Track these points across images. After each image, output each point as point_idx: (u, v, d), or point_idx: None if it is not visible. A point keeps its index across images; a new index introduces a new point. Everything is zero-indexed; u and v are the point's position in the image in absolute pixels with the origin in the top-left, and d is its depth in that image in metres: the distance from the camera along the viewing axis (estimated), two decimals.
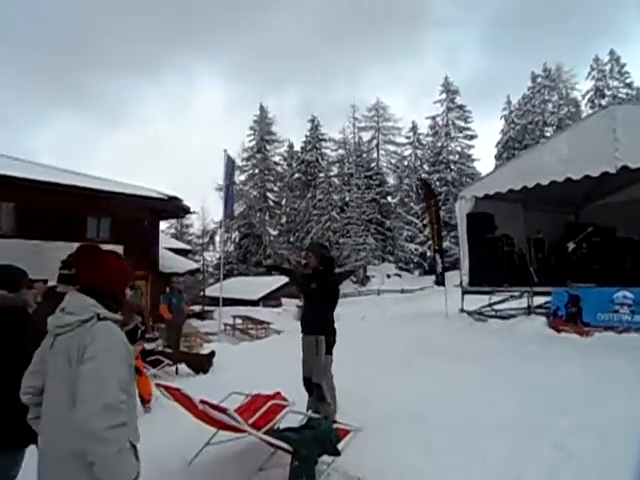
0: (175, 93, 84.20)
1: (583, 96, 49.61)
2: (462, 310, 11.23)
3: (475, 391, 5.44)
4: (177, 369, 7.78)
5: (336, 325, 4.60)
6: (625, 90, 47.59)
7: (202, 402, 3.07)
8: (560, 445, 3.62)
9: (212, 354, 7.98)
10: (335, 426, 3.32)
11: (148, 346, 9.08)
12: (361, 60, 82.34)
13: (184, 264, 20.54)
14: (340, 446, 3.04)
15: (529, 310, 10.40)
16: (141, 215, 16.42)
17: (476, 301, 11.98)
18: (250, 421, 3.20)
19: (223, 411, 3.00)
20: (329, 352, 4.37)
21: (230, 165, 12.84)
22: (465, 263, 11.29)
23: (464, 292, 11.36)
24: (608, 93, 48.11)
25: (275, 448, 3.14)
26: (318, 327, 4.36)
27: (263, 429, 3.11)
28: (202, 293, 29.66)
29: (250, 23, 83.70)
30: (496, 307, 11.37)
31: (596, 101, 48.43)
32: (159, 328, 13.25)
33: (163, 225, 43.90)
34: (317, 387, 4.18)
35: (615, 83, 48.57)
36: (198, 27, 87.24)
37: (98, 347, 1.75)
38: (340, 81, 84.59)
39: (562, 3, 68.00)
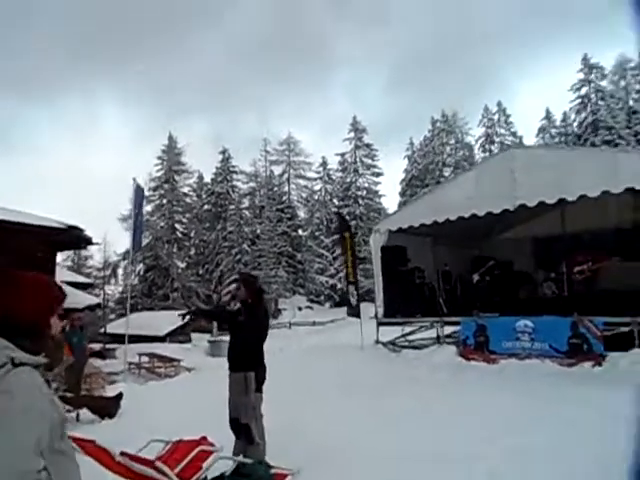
0: (75, 118, 79.28)
1: (476, 141, 54.29)
2: (377, 341, 11.41)
3: (403, 421, 5.45)
4: (78, 415, 7.00)
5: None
6: (510, 138, 52.76)
7: (122, 454, 2.71)
8: (494, 473, 3.68)
9: (119, 396, 7.30)
10: (272, 471, 3.09)
11: None
12: (273, 94, 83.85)
13: (83, 299, 18.96)
14: None
15: (440, 340, 10.82)
16: (34, 246, 14.99)
17: (389, 332, 12.27)
18: (175, 471, 2.89)
19: (148, 463, 2.68)
20: (259, 390, 4.13)
21: (139, 194, 12.23)
22: (380, 295, 11.55)
23: (379, 323, 11.59)
24: (497, 140, 53.09)
25: None
26: (247, 363, 4.12)
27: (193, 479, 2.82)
28: (103, 330, 27.50)
29: (158, 49, 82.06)
30: (409, 337, 11.70)
31: (487, 146, 53.32)
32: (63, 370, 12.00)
33: (59, 257, 40.68)
34: (246, 428, 3.91)
35: (502, 131, 53.78)
36: (101, 48, 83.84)
37: (12, 409, 1.34)
38: (251, 114, 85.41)
39: (457, 53, 74.76)
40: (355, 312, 11.91)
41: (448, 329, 11.15)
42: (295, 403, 6.33)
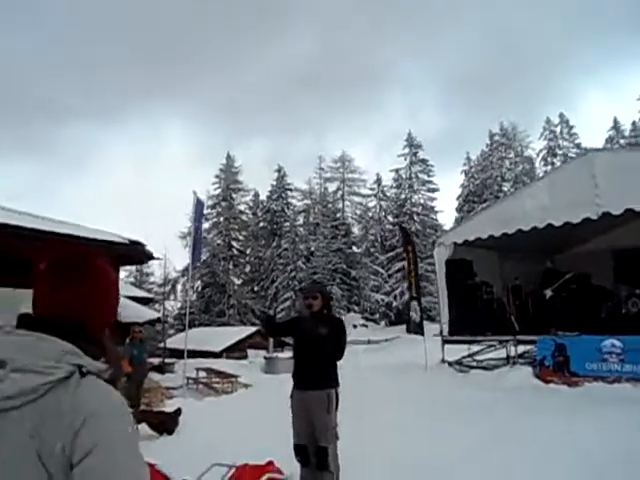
0: (140, 142, 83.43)
1: (537, 154, 52.13)
2: (443, 361, 10.74)
3: (486, 452, 4.86)
4: (138, 430, 6.84)
5: None
6: (575, 150, 50.22)
7: None
8: None
9: (178, 412, 7.10)
10: None
11: None
12: (329, 113, 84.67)
13: (144, 313, 19.32)
14: None
15: (512, 360, 10.04)
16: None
17: (454, 351, 11.56)
18: None
19: None
20: (337, 408, 3.72)
21: (199, 207, 12.29)
22: (445, 311, 10.92)
23: (444, 341, 10.92)
24: (559, 152, 50.76)
25: None
26: (329, 379, 3.72)
27: None
28: (163, 344, 28.01)
29: (218, 73, 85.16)
30: (477, 357, 10.97)
31: (549, 159, 51.05)
32: (124, 383, 12.09)
33: (122, 273, 42.29)
34: (322, 452, 3.48)
35: (565, 143, 51.38)
36: (165, 75, 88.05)
37: (98, 429, 0.93)
38: (307, 133, 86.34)
39: (516, 66, 72.73)
40: (417, 329, 11.29)
41: (520, 349, 10.35)
42: (360, 427, 5.86)
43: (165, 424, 6.73)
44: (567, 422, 6.11)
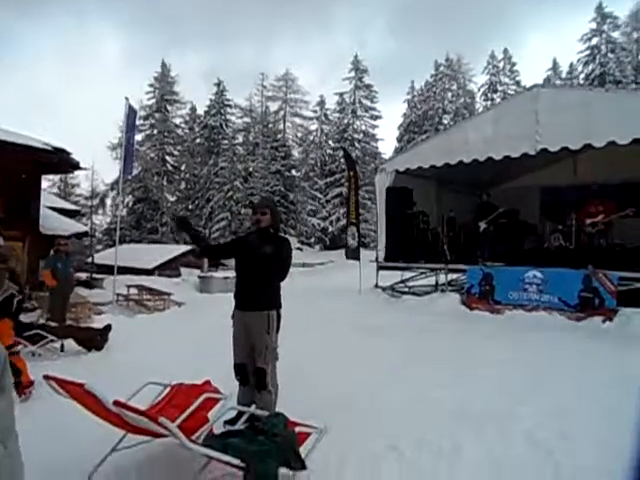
0: (66, 38, 75.02)
1: (479, 89, 52.48)
2: (377, 286, 11.06)
3: (413, 368, 5.10)
4: (63, 346, 6.57)
5: None
6: (514, 87, 51.00)
7: (117, 404, 2.23)
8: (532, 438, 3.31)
9: (108, 328, 6.85)
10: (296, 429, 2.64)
11: (25, 319, 7.72)
12: (272, 27, 79.63)
13: (70, 226, 18.28)
14: (303, 454, 2.39)
15: (442, 287, 10.50)
16: (19, 167, 14.12)
17: (386, 278, 11.93)
18: (177, 422, 2.43)
19: (152, 418, 2.19)
20: (278, 330, 3.65)
21: (131, 115, 11.35)
22: (382, 238, 11.09)
23: (379, 267, 11.19)
24: (500, 89, 51.37)
25: (211, 459, 2.40)
26: (270, 300, 3.61)
27: (197, 433, 2.37)
28: (91, 259, 26.96)
29: None
30: (409, 284, 11.38)
31: (489, 95, 51.61)
32: (38, 297, 11.54)
33: (45, 183, 39.45)
34: (260, 372, 3.45)
35: (506, 80, 51.90)
36: None
37: None
38: (249, 47, 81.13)
39: None
40: (355, 255, 11.46)
41: (449, 277, 10.83)
42: (296, 347, 5.93)
43: (93, 340, 6.51)
44: (487, 344, 6.54)
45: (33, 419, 3.62)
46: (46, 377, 2.65)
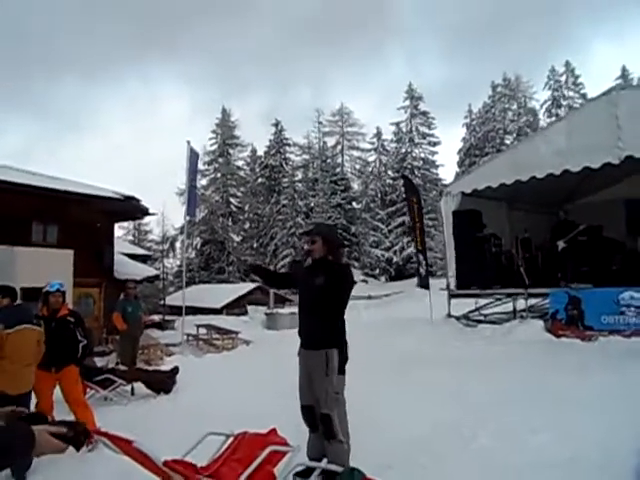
0: (136, 98, 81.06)
1: (541, 105, 50.63)
2: (449, 315, 10.41)
3: (500, 408, 4.51)
4: (133, 389, 6.54)
5: None
6: (580, 101, 48.73)
7: (167, 465, 1.97)
8: None
9: (175, 370, 6.77)
10: None
11: (101, 362, 7.83)
12: (325, 66, 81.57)
13: (142, 270, 19.03)
14: None
15: (521, 313, 9.71)
16: (94, 216, 14.89)
17: (458, 306, 11.23)
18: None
19: (201, 472, 1.91)
20: (341, 371, 3.24)
21: (193, 158, 11.68)
22: (452, 264, 10.49)
23: (451, 296, 10.55)
24: (564, 103, 49.28)
25: None
26: (329, 338, 3.22)
27: None
28: (162, 302, 27.89)
29: (214, 28, 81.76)
30: (484, 311, 10.65)
31: (553, 110, 49.57)
32: (114, 340, 11.83)
33: (120, 231, 41.79)
34: (326, 419, 3.08)
35: (570, 93, 49.80)
36: (159, 29, 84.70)
37: None
38: (304, 86, 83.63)
39: (519, 13, 69.77)
40: (424, 283, 10.89)
41: (529, 302, 10.00)
42: (368, 386, 5.51)
43: (161, 383, 6.43)
44: (582, 376, 5.79)
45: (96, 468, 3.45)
46: (96, 432, 2.44)
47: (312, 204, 44.63)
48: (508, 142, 46.25)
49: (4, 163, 15.40)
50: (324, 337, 3.22)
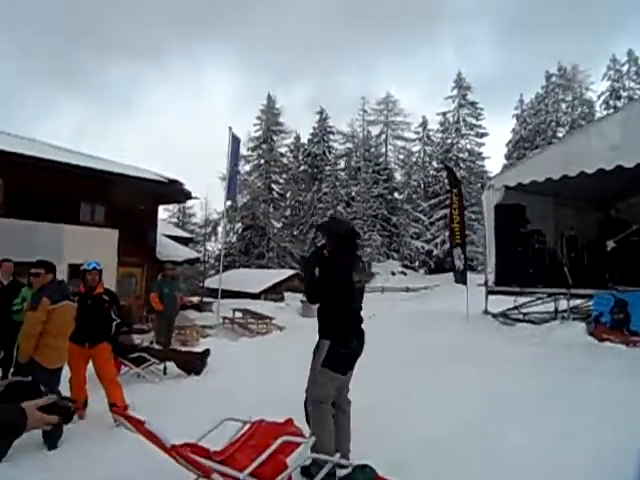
0: (182, 81, 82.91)
1: (598, 97, 48.14)
2: (486, 312, 10.14)
3: (541, 413, 4.35)
4: (165, 368, 6.71)
5: None
6: None
7: (175, 449, 1.99)
8: None
9: (206, 353, 6.90)
10: None
11: (137, 340, 8.07)
12: (373, 53, 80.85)
13: (183, 253, 19.51)
14: None
15: (562, 314, 9.34)
16: (139, 198, 15.30)
17: (496, 303, 10.92)
18: (251, 468, 2.13)
19: (209, 457, 1.92)
20: (332, 366, 3.11)
21: (235, 145, 11.79)
22: (491, 260, 10.18)
23: (489, 292, 10.26)
24: (624, 94, 46.71)
25: None
26: (323, 328, 3.24)
27: None
28: (201, 284, 28.54)
29: (261, 13, 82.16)
30: (523, 310, 10.31)
31: (611, 102, 47.05)
32: (153, 319, 12.20)
33: (165, 213, 42.91)
34: (305, 403, 3.13)
35: (632, 84, 47.14)
36: (207, 15, 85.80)
37: None
38: (351, 73, 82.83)
39: (580, 2, 66.42)
40: (461, 279, 10.63)
41: (571, 303, 9.60)
42: (395, 382, 5.44)
43: (192, 364, 6.56)
44: (623, 383, 5.51)
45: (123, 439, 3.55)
46: (115, 411, 2.50)
47: (353, 193, 44.43)
48: (560, 135, 44.39)
49: (56, 144, 16.07)
50: (320, 326, 3.28)
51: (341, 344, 3.13)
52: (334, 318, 3.22)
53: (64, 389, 4.28)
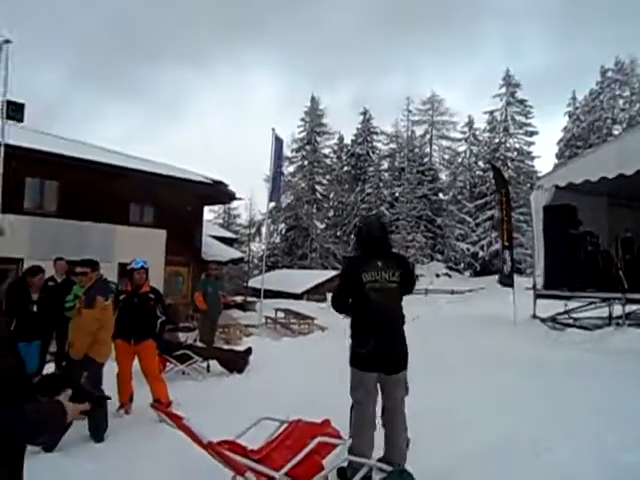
0: (227, 85, 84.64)
1: None
2: (534, 316, 9.78)
3: (594, 422, 4.15)
4: (208, 366, 6.84)
5: None
6: None
7: (211, 446, 2.01)
8: None
9: (248, 351, 7.00)
10: None
11: (182, 338, 8.27)
12: (419, 52, 79.78)
13: (228, 253, 19.88)
14: None
15: (617, 320, 8.89)
16: (185, 199, 15.72)
17: (545, 307, 10.51)
18: (285, 469, 2.12)
19: (246, 455, 1.93)
20: (356, 364, 3.17)
21: (278, 145, 11.92)
22: (540, 263, 9.81)
23: (537, 296, 9.90)
24: None
25: None
26: (350, 329, 3.37)
27: None
28: (245, 284, 29.04)
29: (306, 15, 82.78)
30: (575, 315, 9.89)
31: None
32: (198, 317, 12.50)
33: (210, 214, 43.86)
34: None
35: None
36: (252, 19, 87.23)
37: None
38: (395, 74, 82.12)
39: None
40: (508, 281, 10.30)
41: (627, 308, 9.11)
42: (439, 388, 5.32)
43: (235, 363, 6.67)
44: None
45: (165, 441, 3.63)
46: (155, 407, 2.56)
47: (397, 194, 43.98)
48: (617, 133, 42.35)
49: (106, 146, 16.71)
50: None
51: (357, 344, 3.20)
52: (353, 319, 3.36)
53: (110, 384, 4.43)
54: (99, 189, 13.26)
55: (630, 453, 3.51)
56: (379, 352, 3.12)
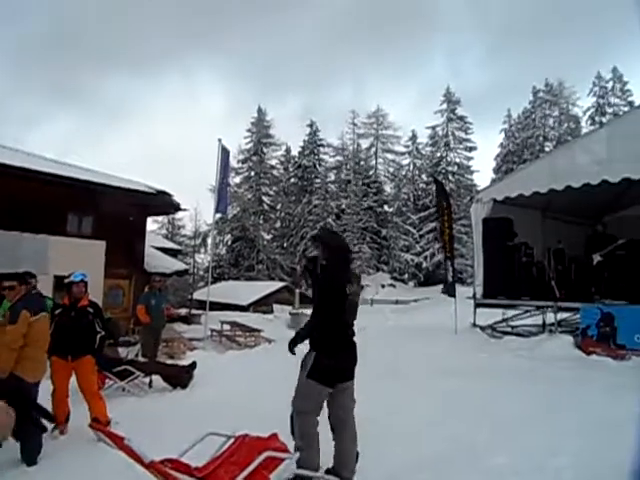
0: (175, 94, 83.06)
1: (584, 112, 49.01)
2: (474, 325, 10.15)
3: (529, 429, 4.32)
4: (151, 381, 6.62)
5: None
6: (626, 108, 46.95)
7: (152, 466, 1.95)
8: None
9: (192, 366, 6.82)
10: None
11: (123, 353, 7.97)
12: (364, 66, 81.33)
13: (172, 264, 19.34)
14: None
15: (550, 327, 9.38)
16: (127, 210, 15.18)
17: (485, 316, 10.95)
18: None
19: (189, 473, 1.88)
20: (317, 377, 3.11)
21: (224, 156, 11.81)
22: (480, 273, 10.22)
23: (477, 305, 10.29)
24: (609, 111, 47.59)
25: None
26: (312, 339, 3.26)
27: None
28: (190, 296, 28.34)
29: (251, 26, 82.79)
30: (512, 323, 10.35)
31: (597, 118, 47.89)
32: (140, 331, 12.07)
33: (154, 225, 42.59)
34: (291, 421, 3.13)
35: (616, 101, 48.05)
36: (198, 27, 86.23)
37: None
38: (342, 86, 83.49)
39: (567, 18, 67.68)
40: (451, 291, 10.65)
41: (559, 316, 9.64)
42: (381, 395, 5.39)
43: (178, 378, 6.49)
44: (611, 397, 5.51)
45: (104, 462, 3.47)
46: (93, 426, 2.45)
47: (343, 205, 44.58)
48: (548, 149, 45.01)
49: (44, 155, 15.95)
50: (312, 339, 3.29)
51: (326, 355, 3.12)
52: (323, 330, 3.21)
53: (45, 403, 4.20)
54: (34, 198, 12.58)
55: (559, 456, 3.69)
56: (344, 364, 3.15)
